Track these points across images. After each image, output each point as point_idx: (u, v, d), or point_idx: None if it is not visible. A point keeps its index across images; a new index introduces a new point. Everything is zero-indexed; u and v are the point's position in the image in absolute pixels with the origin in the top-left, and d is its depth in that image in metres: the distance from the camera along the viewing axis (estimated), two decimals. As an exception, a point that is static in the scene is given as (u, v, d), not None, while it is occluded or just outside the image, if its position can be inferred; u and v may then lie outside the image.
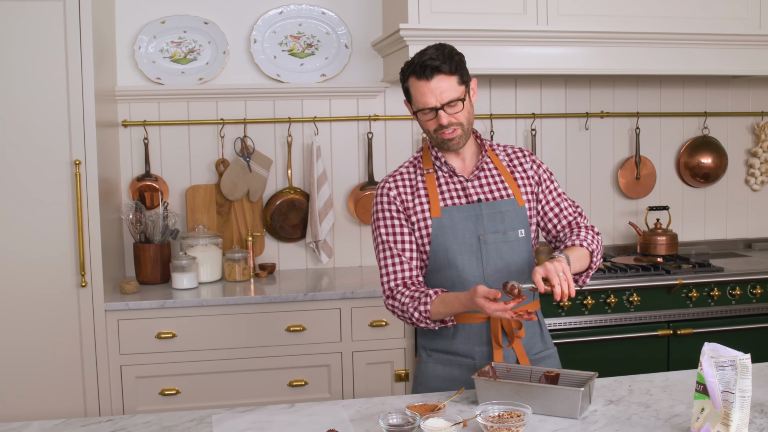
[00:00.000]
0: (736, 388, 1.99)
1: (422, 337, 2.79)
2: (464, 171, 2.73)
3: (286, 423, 2.29)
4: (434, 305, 2.55)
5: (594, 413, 2.32)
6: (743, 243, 5.16)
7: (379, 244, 2.70)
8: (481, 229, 2.64)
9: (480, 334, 2.66)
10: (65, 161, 3.76)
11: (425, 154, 2.75)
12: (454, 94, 2.57)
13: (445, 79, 2.56)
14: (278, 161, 4.58)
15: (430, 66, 2.54)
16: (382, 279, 2.69)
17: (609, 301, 4.12)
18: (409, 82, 2.60)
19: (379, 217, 2.70)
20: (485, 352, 2.66)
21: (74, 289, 3.80)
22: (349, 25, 4.57)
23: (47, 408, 3.79)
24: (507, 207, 2.69)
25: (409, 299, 2.60)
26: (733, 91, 5.09)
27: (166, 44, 4.41)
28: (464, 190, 2.69)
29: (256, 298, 3.91)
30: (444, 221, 2.64)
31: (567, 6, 4.18)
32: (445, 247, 2.64)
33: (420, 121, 2.64)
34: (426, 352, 2.76)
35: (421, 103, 2.58)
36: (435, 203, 2.66)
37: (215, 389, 3.91)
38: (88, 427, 2.30)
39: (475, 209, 2.66)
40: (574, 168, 4.91)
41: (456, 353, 2.69)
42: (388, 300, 2.67)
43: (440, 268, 2.66)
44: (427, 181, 2.69)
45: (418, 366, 2.81)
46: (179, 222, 4.45)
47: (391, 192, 2.70)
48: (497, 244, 2.65)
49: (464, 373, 2.67)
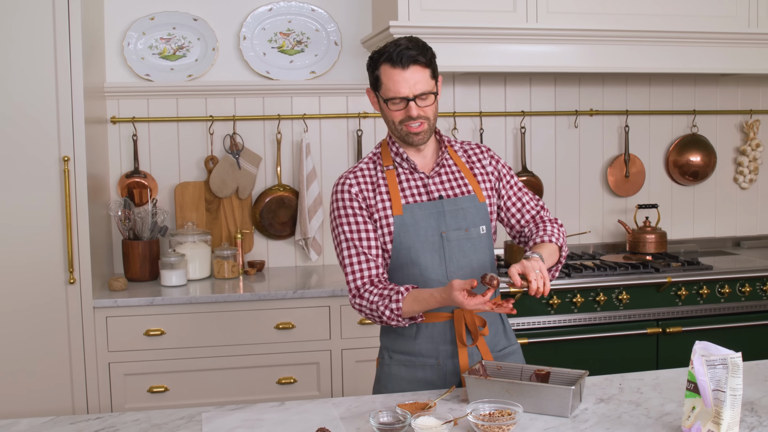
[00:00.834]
0: (727, 386, 1.99)
1: (384, 338, 2.75)
2: (425, 168, 2.69)
3: (276, 421, 2.28)
4: (406, 303, 2.50)
5: (585, 412, 2.32)
6: (732, 241, 5.17)
7: (342, 242, 2.63)
8: (443, 226, 2.61)
9: (443, 334, 2.62)
10: (54, 157, 3.74)
11: (384, 150, 2.70)
12: (426, 87, 2.55)
13: (420, 71, 2.53)
14: (267, 158, 4.57)
15: (407, 55, 2.51)
16: (348, 278, 2.62)
17: (598, 299, 4.12)
18: (381, 69, 2.55)
19: (341, 214, 2.64)
20: (449, 351, 2.62)
21: (62, 286, 3.78)
22: (338, 23, 4.57)
23: (35, 405, 3.77)
24: (468, 203, 2.66)
25: (379, 297, 2.54)
26: (722, 89, 5.10)
27: (156, 41, 4.39)
28: (425, 187, 2.66)
29: (245, 295, 3.90)
30: (406, 219, 2.60)
31: (557, 4, 4.18)
32: (407, 245, 2.60)
33: (385, 111, 2.59)
34: (388, 353, 2.72)
35: (393, 91, 2.53)
36: (396, 201, 2.62)
37: (204, 387, 3.90)
38: (77, 425, 2.29)
39: (437, 206, 2.63)
40: (564, 166, 4.91)
41: (419, 354, 2.64)
42: (354, 299, 2.60)
43: (402, 266, 2.62)
44: (388, 178, 2.65)
45: (380, 368, 2.76)
46: (168, 219, 4.44)
47: (353, 189, 2.63)
48: (459, 241, 2.62)
49: (428, 374, 2.64)
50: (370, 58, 2.61)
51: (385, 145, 2.71)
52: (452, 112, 4.69)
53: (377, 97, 2.63)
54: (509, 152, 4.83)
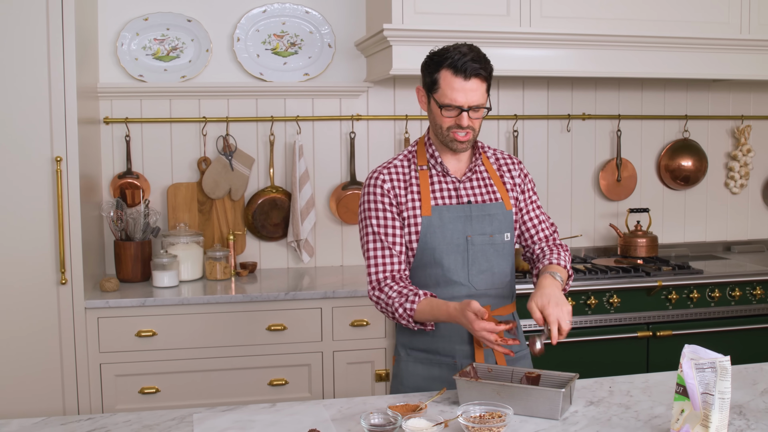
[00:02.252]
0: (715, 389, 2.00)
1: (402, 335, 2.78)
2: (457, 172, 2.73)
3: (267, 422, 2.29)
4: (421, 305, 2.55)
5: (575, 414, 2.33)
6: (723, 245, 5.19)
7: (369, 234, 2.68)
8: (469, 230, 2.67)
9: (461, 333, 2.67)
10: (46, 158, 3.73)
11: (420, 150, 2.75)
12: (481, 100, 2.59)
13: (479, 84, 2.58)
14: (260, 160, 4.57)
15: (471, 67, 2.54)
16: (370, 270, 2.67)
17: (589, 303, 4.14)
18: (442, 74, 2.57)
19: (371, 207, 2.69)
20: (466, 352, 2.68)
21: (54, 287, 3.78)
22: (332, 25, 4.57)
23: (26, 406, 3.77)
24: (495, 210, 2.71)
25: (397, 294, 2.59)
26: (714, 95, 5.12)
27: (149, 41, 4.39)
28: (456, 191, 2.70)
29: (237, 297, 3.91)
30: (434, 220, 2.65)
31: (550, 8, 4.19)
32: (432, 246, 2.64)
33: (436, 114, 2.62)
34: (405, 350, 2.76)
35: (450, 98, 2.56)
36: (426, 201, 2.66)
37: (195, 388, 3.89)
38: (68, 426, 2.29)
39: (465, 210, 2.67)
40: (556, 170, 4.92)
41: (436, 352, 2.70)
42: (374, 291, 2.65)
43: (425, 266, 2.67)
44: (421, 178, 2.69)
45: (396, 365, 2.80)
46: (160, 220, 4.44)
47: (386, 185, 2.68)
48: (483, 246, 2.67)
49: (444, 373, 2.68)
50: (429, 59, 2.63)
51: (422, 144, 2.75)
52: (445, 115, 4.69)
53: (429, 98, 2.64)
54: (501, 156, 4.84)
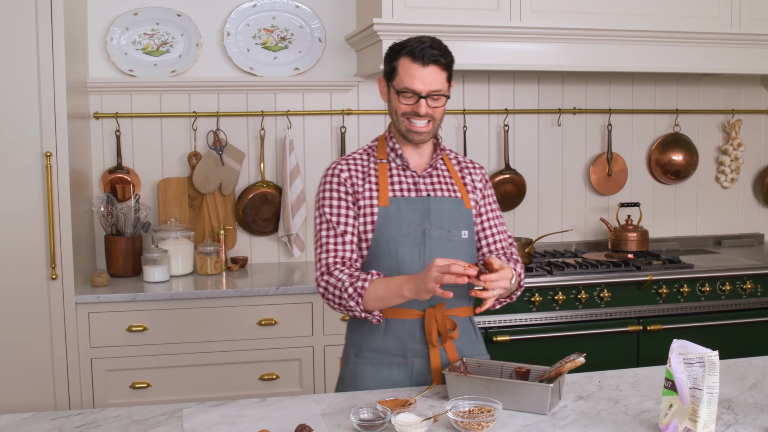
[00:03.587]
0: (704, 384, 2.01)
1: (351, 335, 2.72)
2: (418, 167, 2.71)
3: (257, 417, 2.29)
4: (373, 284, 2.48)
5: (564, 409, 2.33)
6: (713, 240, 5.21)
7: (323, 223, 2.62)
8: (427, 223, 2.61)
9: (413, 332, 2.60)
10: (36, 153, 3.73)
11: (381, 144, 2.73)
12: (440, 87, 2.58)
13: (438, 72, 2.57)
14: (251, 155, 4.57)
15: (429, 53, 2.54)
16: (321, 255, 2.60)
17: (580, 297, 4.14)
18: (400, 61, 2.57)
19: (326, 196, 2.64)
20: (418, 351, 2.60)
21: (44, 282, 3.77)
22: (322, 19, 4.57)
23: (16, 401, 3.76)
24: (454, 206, 2.67)
25: (348, 276, 2.51)
26: (704, 89, 5.13)
27: (139, 36, 4.38)
28: (415, 185, 2.66)
29: (228, 291, 3.90)
30: (390, 211, 2.61)
31: (540, 2, 4.19)
32: (388, 237, 2.60)
33: (394, 101, 2.62)
34: (354, 351, 2.69)
35: (407, 83, 2.55)
36: (384, 192, 2.62)
37: (186, 383, 3.90)
38: (58, 421, 2.28)
39: (423, 202, 2.63)
40: (546, 164, 4.93)
41: (387, 352, 2.62)
42: (323, 276, 2.57)
43: (380, 258, 2.61)
44: (380, 170, 2.66)
45: (344, 367, 2.72)
46: (151, 215, 4.43)
47: (342, 174, 2.65)
48: (441, 241, 2.61)
49: (395, 373, 2.62)
50: (390, 48, 2.63)
51: (383, 139, 2.74)
52: (436, 110, 4.69)
53: (389, 86, 2.64)
54: (492, 150, 4.84)
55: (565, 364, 2.34)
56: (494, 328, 4.08)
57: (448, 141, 4.75)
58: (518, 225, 4.91)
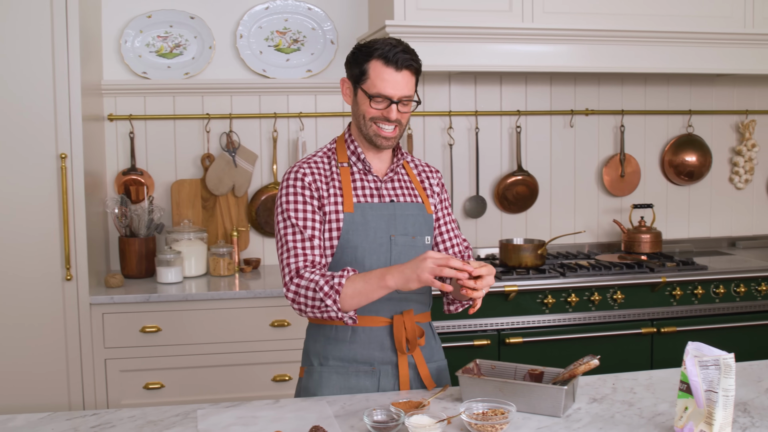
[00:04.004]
0: (719, 387, 2.00)
1: (314, 344, 2.63)
2: (379, 172, 2.65)
3: (270, 418, 2.29)
4: (350, 280, 2.39)
5: (578, 411, 2.33)
6: (727, 241, 5.19)
7: (288, 227, 2.51)
8: (392, 229, 2.57)
9: (381, 340, 2.56)
10: (51, 155, 3.74)
11: (340, 147, 2.65)
12: (411, 92, 2.54)
13: (409, 76, 2.52)
14: (263, 156, 4.58)
15: (403, 58, 2.48)
16: (288, 260, 2.49)
17: (593, 299, 4.14)
18: (372, 64, 2.50)
19: (290, 200, 2.54)
20: (385, 358, 2.56)
21: (59, 283, 3.79)
22: (335, 21, 4.58)
23: (31, 401, 3.78)
24: (418, 212, 2.63)
25: (320, 276, 2.41)
26: (718, 90, 5.12)
27: (153, 39, 4.40)
28: (378, 190, 2.62)
29: (241, 293, 3.91)
30: (356, 217, 2.55)
31: (552, 4, 4.19)
32: (354, 244, 2.54)
33: (361, 105, 2.55)
34: (318, 359, 2.60)
35: (380, 88, 2.49)
36: (348, 198, 2.56)
37: (199, 384, 3.90)
38: (74, 421, 2.29)
39: (389, 209, 2.59)
40: (559, 165, 4.92)
41: (354, 360, 2.56)
42: (293, 280, 2.45)
43: (345, 266, 2.54)
44: (342, 174, 2.59)
45: (307, 377, 2.63)
46: (164, 216, 4.44)
47: (306, 178, 2.55)
48: (406, 248, 2.58)
49: (362, 381, 2.57)
50: (357, 50, 2.56)
51: (341, 141, 2.67)
52: (448, 112, 4.70)
53: (357, 89, 2.56)
54: (504, 151, 4.84)
55: (579, 366, 2.34)
56: (507, 330, 4.07)
57: (460, 143, 4.75)
58: (531, 227, 4.91)
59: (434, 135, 4.71)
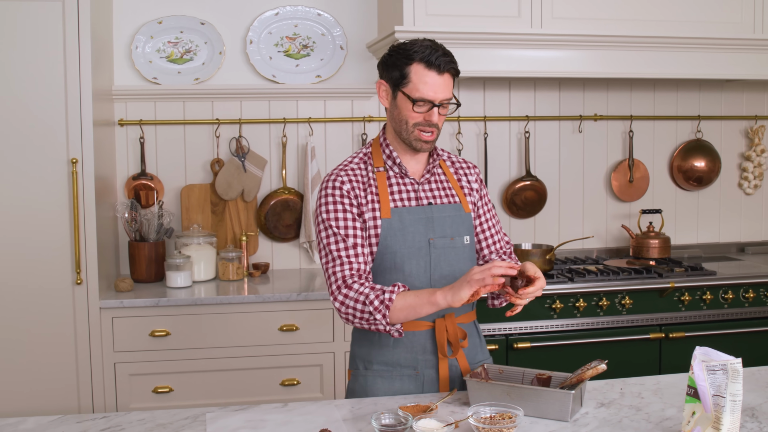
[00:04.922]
0: (727, 392, 2.00)
1: (359, 349, 2.67)
2: (415, 174, 2.65)
3: (279, 422, 2.30)
4: (401, 295, 2.42)
5: (585, 416, 2.33)
6: (736, 247, 5.18)
7: (331, 236, 2.52)
8: (431, 233, 2.57)
9: (423, 343, 2.58)
10: (62, 160, 3.77)
11: (375, 152, 2.65)
12: (450, 96, 2.54)
13: (450, 80, 2.52)
14: (273, 161, 4.59)
15: (445, 61, 2.48)
16: (334, 269, 2.50)
17: (601, 304, 4.14)
18: (413, 67, 2.48)
19: (330, 209, 2.54)
20: (428, 362, 2.58)
21: (69, 287, 3.81)
22: (344, 27, 4.59)
23: (41, 404, 3.80)
24: (455, 212, 2.63)
25: (370, 289, 2.43)
26: (727, 95, 5.11)
27: (163, 44, 4.42)
28: (415, 193, 2.62)
29: (250, 297, 3.92)
30: (394, 223, 2.55)
31: (561, 9, 4.20)
32: (393, 249, 2.55)
33: (403, 109, 2.53)
34: (363, 364, 2.64)
35: (423, 92, 2.48)
36: (385, 203, 2.56)
37: (208, 388, 3.92)
38: (83, 424, 2.31)
39: (426, 212, 2.59)
40: (567, 171, 4.93)
41: (398, 364, 2.59)
42: (341, 290, 2.47)
43: (385, 271, 2.57)
44: (378, 180, 2.59)
45: (353, 380, 2.67)
46: (174, 221, 4.46)
47: (345, 186, 2.56)
48: (445, 250, 2.58)
49: (405, 384, 2.59)
50: (395, 52, 2.54)
51: (377, 145, 2.67)
52: (456, 117, 4.71)
53: (396, 92, 2.55)
54: (513, 157, 4.85)
55: (587, 370, 2.34)
56: (515, 335, 4.08)
57: (469, 148, 4.76)
58: (539, 232, 4.91)
59: (443, 140, 4.72)
